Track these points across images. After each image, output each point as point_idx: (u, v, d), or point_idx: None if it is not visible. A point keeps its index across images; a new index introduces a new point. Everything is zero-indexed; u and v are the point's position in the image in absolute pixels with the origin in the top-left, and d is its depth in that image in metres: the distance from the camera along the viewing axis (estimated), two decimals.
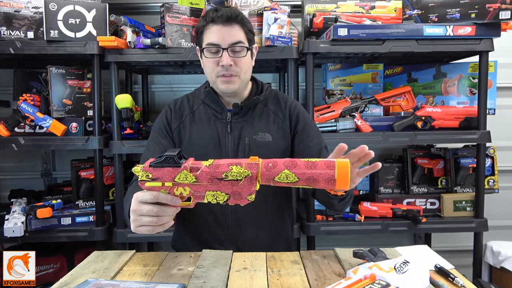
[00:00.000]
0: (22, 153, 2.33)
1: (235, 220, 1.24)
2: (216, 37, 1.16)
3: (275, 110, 1.28)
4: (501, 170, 2.09)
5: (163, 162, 0.81)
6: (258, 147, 1.21)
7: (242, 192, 0.80)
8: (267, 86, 1.32)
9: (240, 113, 1.24)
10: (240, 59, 1.18)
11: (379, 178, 2.00)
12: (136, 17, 1.81)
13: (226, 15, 1.15)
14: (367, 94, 2.03)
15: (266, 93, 1.29)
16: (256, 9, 1.75)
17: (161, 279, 0.97)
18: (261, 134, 1.23)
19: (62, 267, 1.99)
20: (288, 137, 1.27)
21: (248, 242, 1.24)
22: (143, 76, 2.30)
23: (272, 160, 0.79)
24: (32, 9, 1.74)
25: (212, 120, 1.25)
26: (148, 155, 1.23)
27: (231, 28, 1.16)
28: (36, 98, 1.79)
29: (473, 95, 1.99)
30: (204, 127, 1.25)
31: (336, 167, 0.76)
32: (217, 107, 1.25)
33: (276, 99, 1.31)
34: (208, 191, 0.81)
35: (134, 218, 0.86)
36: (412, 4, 1.79)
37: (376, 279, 0.81)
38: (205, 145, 1.22)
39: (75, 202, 1.89)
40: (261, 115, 1.26)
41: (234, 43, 1.16)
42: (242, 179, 0.79)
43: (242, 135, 1.22)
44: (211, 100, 1.26)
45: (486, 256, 2.14)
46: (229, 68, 1.16)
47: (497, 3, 1.63)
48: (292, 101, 1.32)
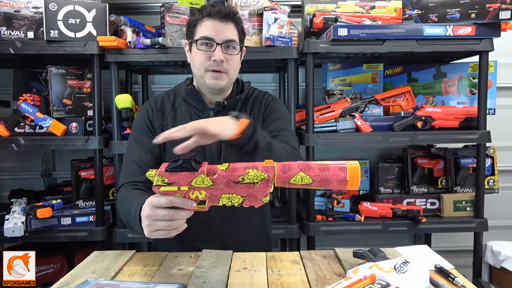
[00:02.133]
0: (22, 153, 2.33)
1: (219, 218, 1.24)
2: (211, 32, 1.15)
3: (252, 106, 1.29)
4: (501, 170, 2.09)
5: (180, 167, 0.81)
6: None
7: (257, 194, 0.81)
8: (248, 84, 1.34)
9: (222, 111, 1.24)
10: (231, 57, 1.18)
11: (379, 178, 2.00)
12: (136, 17, 1.81)
13: (224, 12, 1.15)
14: (367, 94, 2.03)
15: (247, 91, 1.30)
16: (256, 9, 1.75)
17: (161, 279, 0.97)
18: None
19: (62, 267, 1.99)
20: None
21: (233, 241, 1.24)
22: (143, 76, 2.30)
23: (287, 163, 0.81)
24: (32, 9, 1.74)
25: (194, 118, 1.23)
26: (132, 156, 1.22)
27: (226, 25, 1.16)
28: (36, 98, 1.79)
29: (473, 95, 1.99)
30: None
31: (348, 169, 0.79)
32: (199, 105, 1.25)
33: (255, 96, 1.32)
34: (224, 194, 0.82)
35: (149, 223, 0.86)
36: (412, 4, 1.79)
37: (376, 279, 0.81)
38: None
39: (75, 202, 1.89)
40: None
41: (229, 40, 1.17)
42: (258, 181, 0.80)
43: None
44: (192, 98, 1.25)
45: (486, 256, 2.14)
46: (220, 64, 1.16)
47: (497, 3, 1.62)
48: (268, 95, 1.33)
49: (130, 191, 1.14)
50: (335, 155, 2.29)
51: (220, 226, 1.24)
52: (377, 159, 2.29)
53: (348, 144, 1.80)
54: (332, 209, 1.91)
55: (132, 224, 1.01)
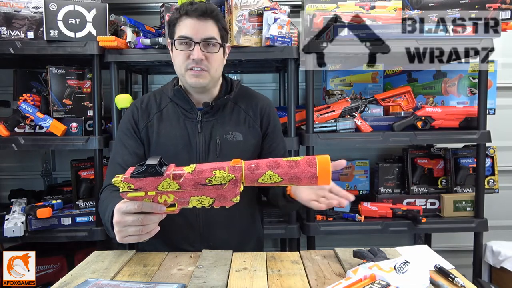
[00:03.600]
0: (22, 153, 2.33)
1: (206, 221, 1.22)
2: (189, 31, 1.13)
3: (246, 108, 1.26)
4: (501, 170, 2.09)
5: (144, 172, 0.79)
6: (229, 147, 1.20)
7: (227, 195, 0.80)
8: (237, 83, 1.31)
9: (210, 112, 1.22)
10: (212, 55, 1.16)
11: (379, 178, 2.00)
12: (136, 17, 1.81)
13: (201, 9, 1.13)
14: (367, 94, 2.03)
15: (236, 90, 1.27)
16: (256, 9, 1.75)
17: (161, 279, 0.97)
18: (232, 133, 1.21)
19: (62, 267, 1.99)
20: (258, 137, 1.26)
21: (219, 242, 1.23)
22: (143, 76, 2.30)
23: (254, 161, 0.80)
24: (32, 9, 1.74)
25: (181, 119, 1.22)
26: (116, 158, 1.22)
27: (205, 23, 1.14)
28: (36, 98, 1.79)
29: (473, 95, 1.98)
30: (173, 126, 1.22)
31: (318, 164, 0.78)
32: (187, 105, 1.23)
33: (247, 97, 1.29)
34: (192, 196, 0.80)
35: (119, 230, 0.85)
36: (412, 4, 1.79)
37: (376, 279, 0.81)
38: (174, 144, 1.20)
39: (75, 202, 1.89)
40: (231, 113, 1.24)
41: (207, 38, 1.14)
42: (226, 183, 0.79)
43: (213, 135, 1.20)
44: (180, 98, 1.23)
45: (486, 256, 2.14)
46: (200, 62, 1.14)
47: (497, 3, 1.63)
48: (264, 101, 1.31)
49: (110, 193, 1.13)
50: (335, 155, 2.28)
51: (206, 229, 1.23)
52: (377, 159, 2.29)
53: (348, 144, 1.79)
54: (332, 209, 1.90)
55: (106, 228, 1.01)
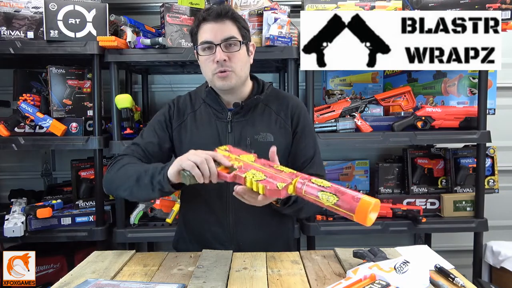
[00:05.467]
0: (22, 153, 2.33)
1: (236, 219, 1.23)
2: (209, 34, 1.15)
3: (277, 110, 1.27)
4: (501, 170, 2.09)
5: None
6: (260, 147, 1.20)
7: (277, 179, 0.88)
8: (269, 85, 1.31)
9: (241, 112, 1.23)
10: (234, 54, 1.16)
11: (379, 178, 2.00)
12: (136, 17, 1.81)
13: (216, 12, 1.15)
14: (367, 94, 2.03)
15: (267, 92, 1.28)
16: (256, 9, 1.75)
17: (161, 279, 0.97)
18: (263, 134, 1.22)
19: (62, 267, 1.99)
20: (289, 137, 1.26)
21: (249, 242, 1.24)
22: (143, 76, 2.30)
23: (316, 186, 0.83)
24: (32, 9, 1.74)
25: (213, 119, 1.25)
26: (144, 139, 1.25)
27: (222, 24, 1.15)
28: (36, 98, 1.79)
29: (473, 95, 1.98)
30: (204, 126, 1.25)
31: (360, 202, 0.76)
32: (218, 106, 1.25)
33: (278, 98, 1.29)
34: (253, 169, 0.93)
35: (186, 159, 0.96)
36: (412, 4, 1.79)
37: (376, 279, 0.81)
38: (205, 144, 1.21)
39: (75, 202, 1.89)
40: (262, 114, 1.25)
41: (227, 38, 1.15)
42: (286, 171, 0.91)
43: (243, 135, 1.22)
44: (211, 99, 1.25)
45: (486, 256, 2.14)
46: (224, 64, 1.15)
47: (497, 3, 1.63)
48: (295, 101, 1.31)
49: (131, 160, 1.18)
50: (335, 155, 2.29)
51: (235, 228, 1.24)
52: (377, 159, 2.29)
53: (348, 144, 1.80)
54: None
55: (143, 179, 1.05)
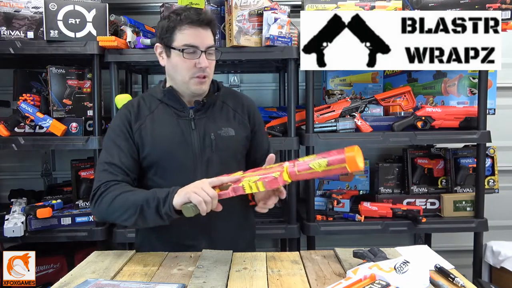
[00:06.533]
0: (22, 153, 2.33)
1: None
2: (195, 39, 1.18)
3: (234, 106, 1.33)
4: (501, 170, 2.08)
5: None
6: (224, 142, 1.25)
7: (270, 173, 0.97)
8: (221, 83, 1.38)
9: (202, 109, 1.26)
10: (212, 62, 1.23)
11: (379, 178, 2.00)
12: (136, 17, 1.81)
13: (207, 19, 1.19)
14: (367, 94, 2.03)
15: (223, 90, 1.34)
16: (256, 9, 1.75)
17: (161, 279, 0.97)
18: (225, 129, 1.27)
19: (62, 267, 1.99)
20: (248, 131, 1.32)
21: (220, 234, 1.25)
22: (143, 76, 2.30)
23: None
24: (32, 9, 1.74)
25: (174, 118, 1.26)
26: (111, 159, 1.20)
27: (206, 31, 1.20)
28: (36, 98, 1.79)
29: (473, 95, 1.98)
30: (166, 125, 1.26)
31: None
32: (178, 105, 1.26)
33: (234, 97, 1.36)
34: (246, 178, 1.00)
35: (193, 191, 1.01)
36: (412, 4, 1.79)
37: (376, 279, 0.81)
38: (170, 141, 1.24)
39: (75, 202, 1.89)
40: (221, 111, 1.30)
41: (210, 46, 1.21)
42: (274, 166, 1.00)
43: (207, 131, 1.25)
44: (170, 99, 1.27)
45: (486, 256, 2.14)
46: (205, 70, 1.20)
47: (497, 3, 1.63)
48: (249, 100, 1.39)
49: (130, 188, 1.16)
50: None
51: (208, 221, 1.22)
52: (377, 159, 2.29)
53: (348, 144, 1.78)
54: (332, 209, 1.91)
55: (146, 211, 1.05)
